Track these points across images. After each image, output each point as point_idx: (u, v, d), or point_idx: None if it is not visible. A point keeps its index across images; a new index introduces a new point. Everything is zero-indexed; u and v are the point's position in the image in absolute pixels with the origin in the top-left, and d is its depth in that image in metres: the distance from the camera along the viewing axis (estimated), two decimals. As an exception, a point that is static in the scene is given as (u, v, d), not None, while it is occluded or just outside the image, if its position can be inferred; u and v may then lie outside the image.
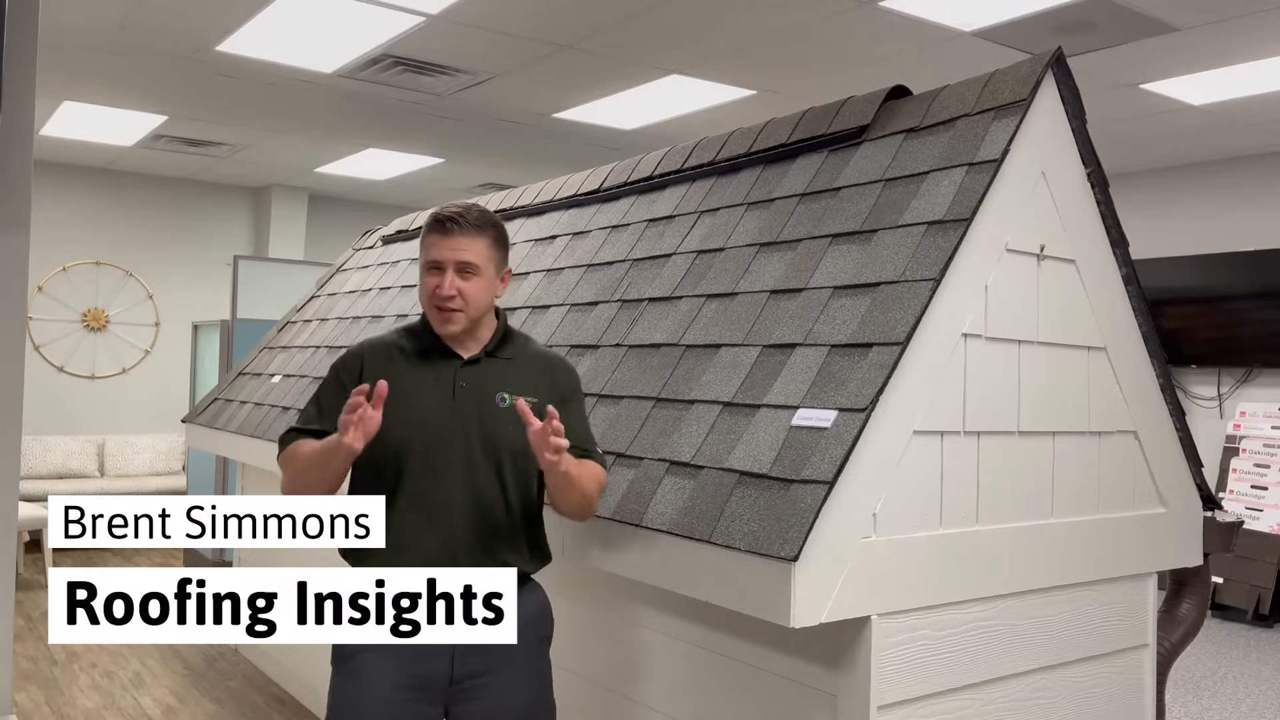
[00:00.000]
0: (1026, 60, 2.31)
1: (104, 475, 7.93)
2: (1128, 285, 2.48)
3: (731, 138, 2.99)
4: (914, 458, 2.02)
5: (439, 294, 2.02)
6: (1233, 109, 5.77)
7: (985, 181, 2.11)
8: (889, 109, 2.57)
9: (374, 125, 6.60)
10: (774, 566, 1.81)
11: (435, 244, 2.04)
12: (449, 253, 2.02)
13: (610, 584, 2.56)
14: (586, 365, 2.73)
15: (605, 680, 2.57)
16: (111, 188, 8.35)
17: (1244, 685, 5.00)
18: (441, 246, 2.03)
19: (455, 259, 2.02)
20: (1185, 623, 2.80)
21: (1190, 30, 4.48)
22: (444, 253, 2.02)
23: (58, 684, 4.47)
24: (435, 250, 2.03)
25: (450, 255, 2.02)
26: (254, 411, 4.28)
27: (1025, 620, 2.25)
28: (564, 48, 4.92)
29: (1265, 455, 6.73)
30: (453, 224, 2.03)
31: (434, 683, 2.00)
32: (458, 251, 2.02)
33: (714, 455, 2.11)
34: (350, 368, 2.10)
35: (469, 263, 2.03)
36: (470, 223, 2.04)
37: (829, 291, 2.22)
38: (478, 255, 2.04)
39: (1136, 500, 2.51)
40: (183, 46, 5.04)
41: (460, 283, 2.02)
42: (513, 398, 2.02)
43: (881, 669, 1.94)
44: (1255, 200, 6.96)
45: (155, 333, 8.52)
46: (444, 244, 2.03)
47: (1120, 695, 2.52)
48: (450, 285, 2.01)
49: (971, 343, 2.13)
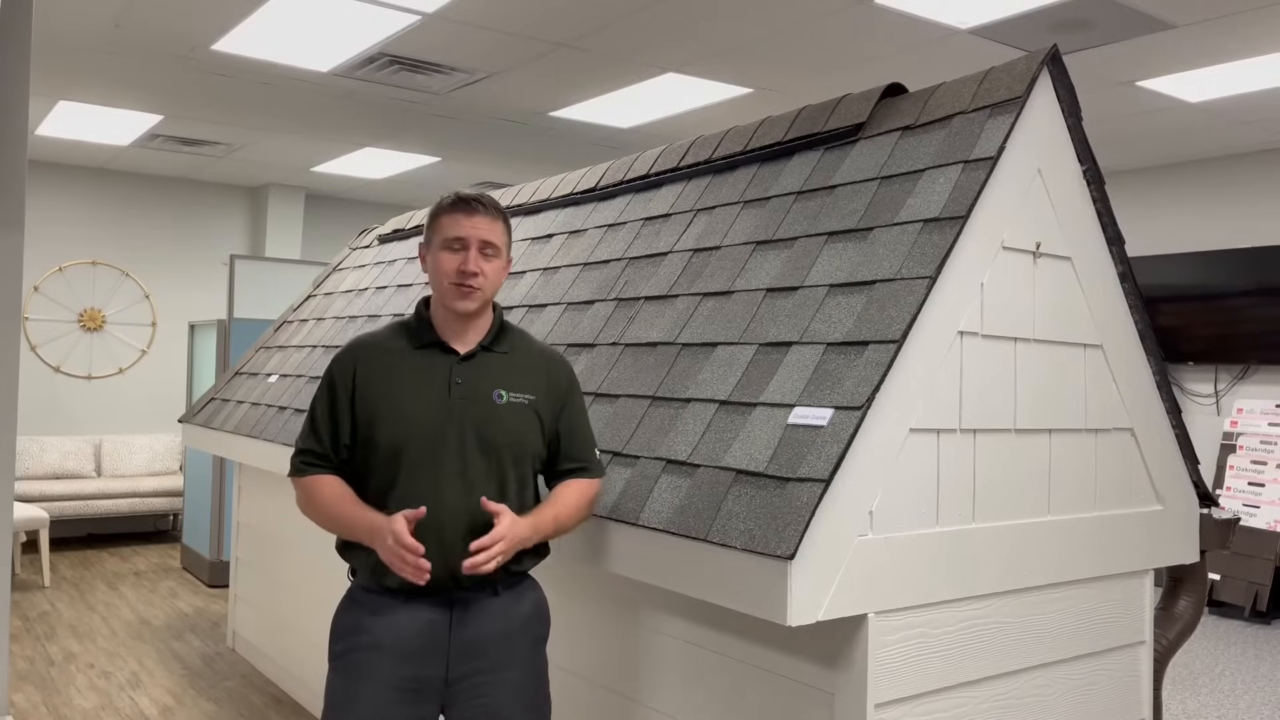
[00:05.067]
0: (1022, 58, 2.31)
1: (101, 475, 7.92)
2: (1124, 282, 2.48)
3: (727, 136, 2.99)
4: (910, 456, 2.02)
5: (464, 270, 2.03)
6: (1229, 106, 5.77)
7: (981, 179, 2.11)
8: (885, 107, 2.56)
9: (370, 124, 6.59)
10: (770, 565, 1.81)
11: (458, 222, 2.05)
12: (472, 230, 2.04)
13: (607, 583, 2.56)
14: (583, 364, 2.73)
15: (602, 679, 2.57)
16: (107, 187, 8.34)
17: (1241, 682, 5.01)
18: (465, 224, 2.04)
19: (479, 237, 2.04)
20: (1182, 620, 2.80)
21: (1186, 27, 4.49)
22: (467, 230, 2.04)
23: (55, 684, 4.46)
24: (458, 228, 2.05)
25: (474, 233, 2.04)
26: (251, 411, 4.27)
27: (1022, 618, 2.25)
28: (560, 46, 4.91)
29: (1262, 452, 6.73)
30: (477, 204, 2.06)
31: (431, 683, 2.00)
32: (480, 230, 2.05)
33: (710, 454, 2.11)
34: (344, 370, 2.09)
35: (491, 243, 2.06)
36: (491, 205, 2.08)
37: (825, 289, 2.22)
38: (497, 237, 2.08)
39: (1133, 498, 2.52)
40: (178, 46, 5.04)
41: (482, 262, 2.04)
42: (509, 395, 2.04)
43: (878, 667, 1.94)
44: (1251, 197, 6.97)
45: (152, 332, 8.51)
46: (468, 222, 2.04)
47: (1117, 692, 2.52)
48: (475, 262, 2.03)
49: (968, 340, 2.13)
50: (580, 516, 2.14)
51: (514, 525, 1.96)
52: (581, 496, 2.13)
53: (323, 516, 2.06)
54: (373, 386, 2.05)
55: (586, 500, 2.15)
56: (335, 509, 2.02)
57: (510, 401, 2.07)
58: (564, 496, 2.11)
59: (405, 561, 1.87)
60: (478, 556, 1.90)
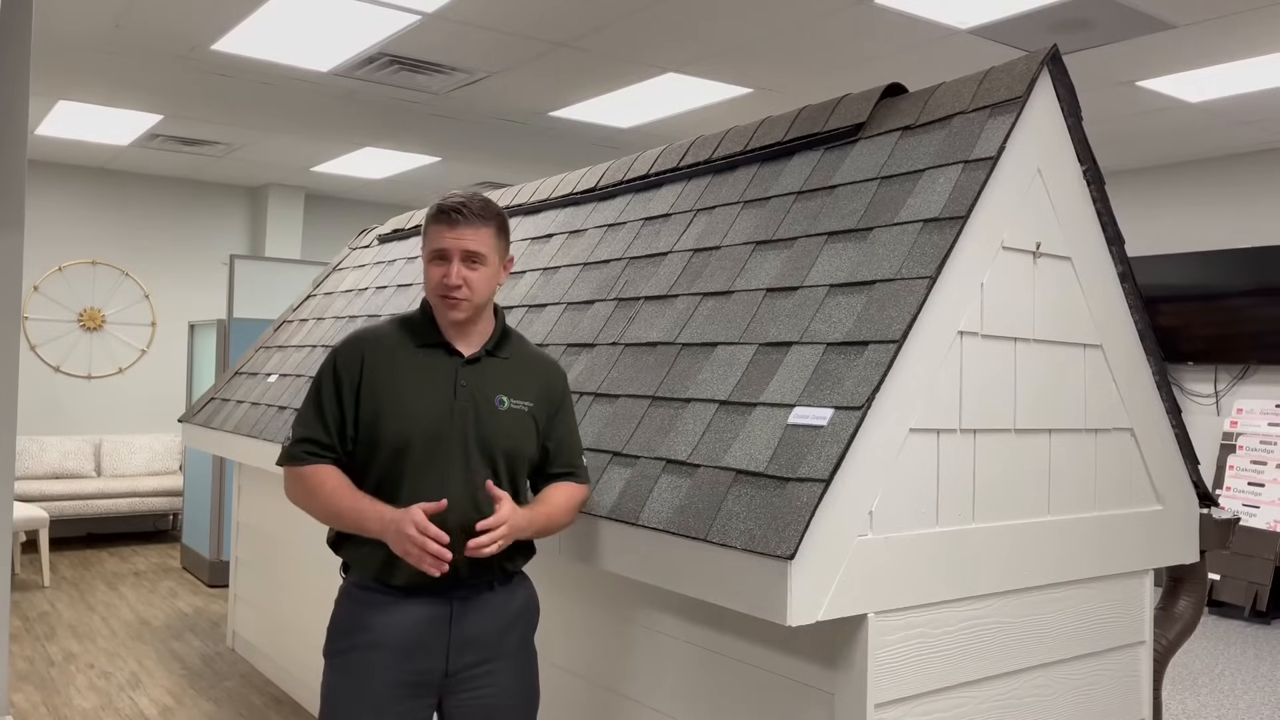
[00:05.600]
0: (1022, 58, 2.31)
1: (101, 475, 7.92)
2: (1124, 282, 2.48)
3: (727, 136, 2.99)
4: (910, 456, 2.02)
5: (446, 284, 2.03)
6: (1229, 106, 5.77)
7: (981, 179, 2.11)
8: (885, 107, 2.56)
9: (370, 124, 6.59)
10: (770, 565, 1.81)
11: (440, 234, 2.05)
12: (454, 242, 2.04)
13: (607, 583, 2.56)
14: (583, 364, 2.72)
15: (602, 679, 2.57)
16: (107, 187, 8.34)
17: (1241, 682, 5.01)
18: (446, 236, 2.04)
19: (461, 248, 2.04)
20: (1182, 620, 2.80)
21: (1186, 27, 4.49)
22: (449, 242, 2.04)
23: (55, 685, 4.46)
24: (440, 240, 2.05)
25: (455, 244, 2.04)
26: (251, 411, 4.27)
27: (1022, 618, 2.25)
28: (560, 46, 4.91)
29: (1262, 452, 6.73)
30: (457, 214, 2.04)
31: (430, 677, 2.02)
32: (463, 241, 2.04)
33: (710, 454, 2.11)
34: (351, 367, 2.07)
35: (474, 252, 2.05)
36: (474, 212, 2.06)
37: (825, 289, 2.22)
38: (482, 244, 2.06)
39: (1133, 498, 2.52)
40: (178, 45, 5.03)
41: (466, 272, 2.04)
42: (510, 402, 2.06)
43: (878, 667, 1.94)
44: (1251, 197, 6.97)
45: (152, 332, 8.51)
46: (449, 234, 2.04)
47: (1117, 692, 2.52)
48: (457, 275, 2.03)
49: (967, 340, 2.13)
50: (567, 519, 2.17)
51: (514, 513, 1.99)
52: (570, 500, 2.16)
53: (323, 508, 2.03)
54: (379, 381, 2.05)
55: (574, 504, 2.18)
56: (340, 501, 2.00)
57: (510, 407, 2.09)
58: (554, 498, 2.14)
59: (427, 550, 1.87)
60: (481, 538, 1.92)
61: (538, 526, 2.07)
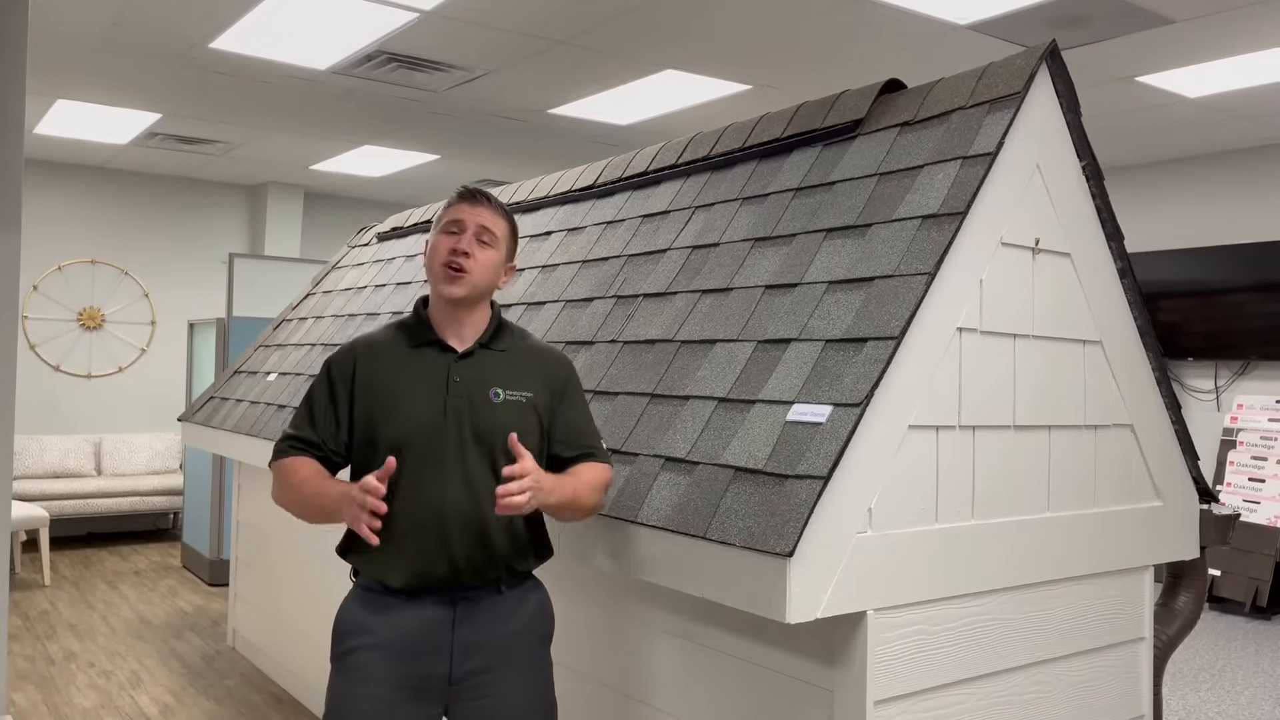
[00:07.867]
0: (1021, 53, 2.31)
1: (101, 474, 7.92)
2: (1123, 278, 2.48)
3: (726, 133, 2.98)
4: (909, 453, 2.02)
5: (456, 248, 2.03)
6: (1228, 102, 5.76)
7: (980, 175, 2.11)
8: (883, 103, 2.56)
9: (369, 122, 6.59)
10: (769, 562, 1.81)
11: (460, 208, 2.08)
12: (472, 216, 2.07)
13: (606, 581, 2.56)
14: (581, 361, 2.72)
15: (602, 677, 2.57)
16: (106, 186, 8.33)
17: (1242, 678, 5.01)
18: (466, 210, 2.07)
19: (478, 222, 2.06)
20: (1182, 616, 2.80)
21: (1185, 23, 4.48)
22: (467, 214, 2.07)
23: (55, 683, 4.46)
24: (459, 212, 2.08)
25: (473, 218, 2.07)
26: (250, 410, 4.27)
27: (1022, 614, 2.25)
28: (559, 43, 4.91)
29: (1262, 448, 6.73)
30: (482, 197, 2.09)
31: (434, 683, 1.99)
32: (481, 217, 2.07)
33: (709, 451, 2.11)
34: (343, 368, 2.08)
35: (489, 229, 2.07)
36: (498, 204, 2.12)
37: (823, 286, 2.22)
38: (498, 229, 2.09)
39: (1133, 494, 2.51)
40: (176, 44, 5.03)
41: (476, 247, 2.04)
42: (506, 393, 2.03)
43: (877, 664, 1.93)
44: (1251, 193, 6.96)
45: (151, 331, 8.50)
46: (469, 209, 2.07)
47: (1117, 689, 2.52)
48: (468, 243, 2.03)
49: (967, 337, 2.12)
50: (595, 500, 2.07)
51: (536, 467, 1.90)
52: (596, 477, 2.08)
53: (296, 498, 2.01)
54: (373, 386, 2.05)
55: (601, 483, 2.09)
56: (307, 487, 1.99)
57: (507, 400, 2.05)
58: (582, 474, 2.05)
59: (364, 507, 1.82)
60: (510, 485, 1.83)
61: (564, 494, 1.97)
